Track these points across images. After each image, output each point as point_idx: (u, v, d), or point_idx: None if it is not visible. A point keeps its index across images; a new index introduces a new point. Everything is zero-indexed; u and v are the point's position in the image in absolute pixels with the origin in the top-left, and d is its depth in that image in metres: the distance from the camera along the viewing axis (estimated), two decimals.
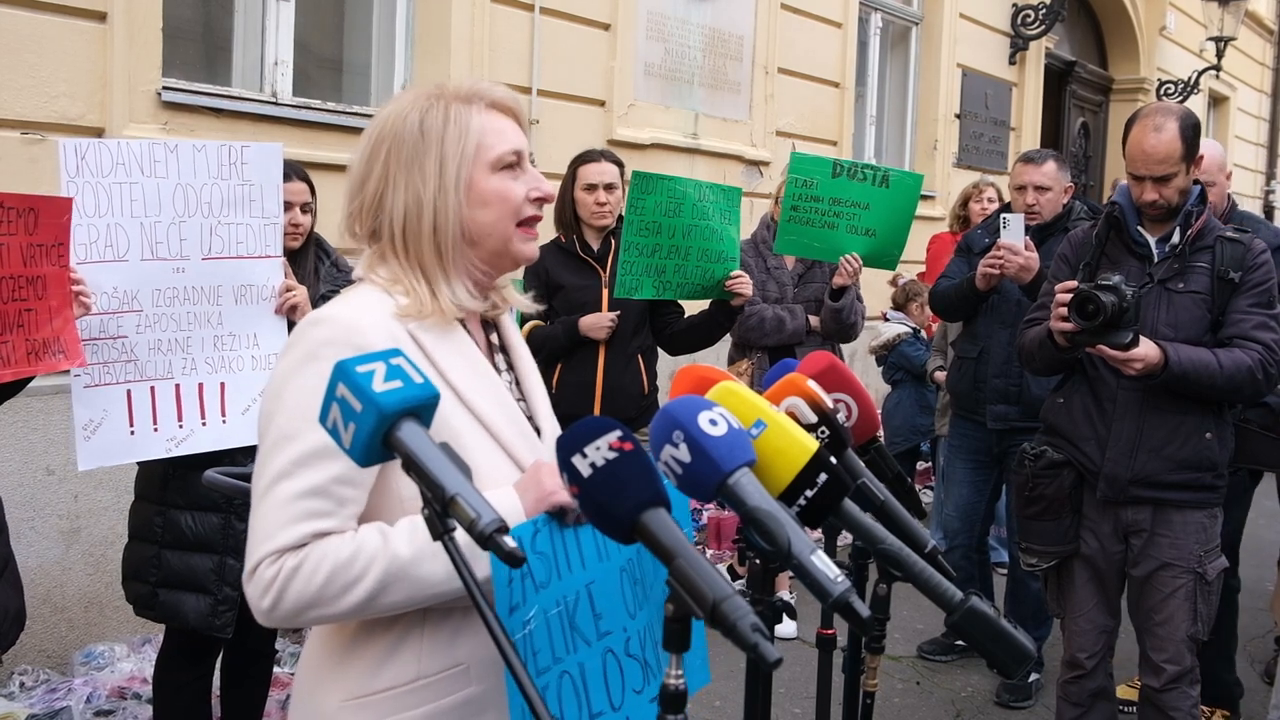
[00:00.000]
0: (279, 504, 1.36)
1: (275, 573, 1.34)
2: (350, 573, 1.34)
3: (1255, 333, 2.91)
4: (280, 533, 1.35)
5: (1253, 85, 15.92)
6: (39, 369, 2.49)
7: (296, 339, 1.45)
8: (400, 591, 1.36)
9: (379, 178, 1.50)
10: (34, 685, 3.65)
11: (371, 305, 1.47)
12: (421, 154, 1.48)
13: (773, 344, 4.55)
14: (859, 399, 1.68)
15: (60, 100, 3.80)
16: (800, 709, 3.94)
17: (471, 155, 1.49)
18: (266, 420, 1.42)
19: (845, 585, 1.16)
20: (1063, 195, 4.15)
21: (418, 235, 1.49)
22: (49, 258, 2.49)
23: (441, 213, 1.48)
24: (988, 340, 4.15)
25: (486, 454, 1.46)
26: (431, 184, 1.48)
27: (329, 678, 1.47)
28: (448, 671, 1.44)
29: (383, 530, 1.38)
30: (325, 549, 1.35)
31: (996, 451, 4.24)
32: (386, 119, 1.52)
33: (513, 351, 1.65)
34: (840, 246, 4.22)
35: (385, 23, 5.24)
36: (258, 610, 1.38)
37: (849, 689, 1.75)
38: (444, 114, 1.49)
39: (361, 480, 1.39)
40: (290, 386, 1.41)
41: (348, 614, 1.37)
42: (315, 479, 1.36)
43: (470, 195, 1.49)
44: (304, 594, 1.34)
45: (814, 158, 4.27)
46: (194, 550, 2.84)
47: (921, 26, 8.94)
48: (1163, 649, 3.04)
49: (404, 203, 1.48)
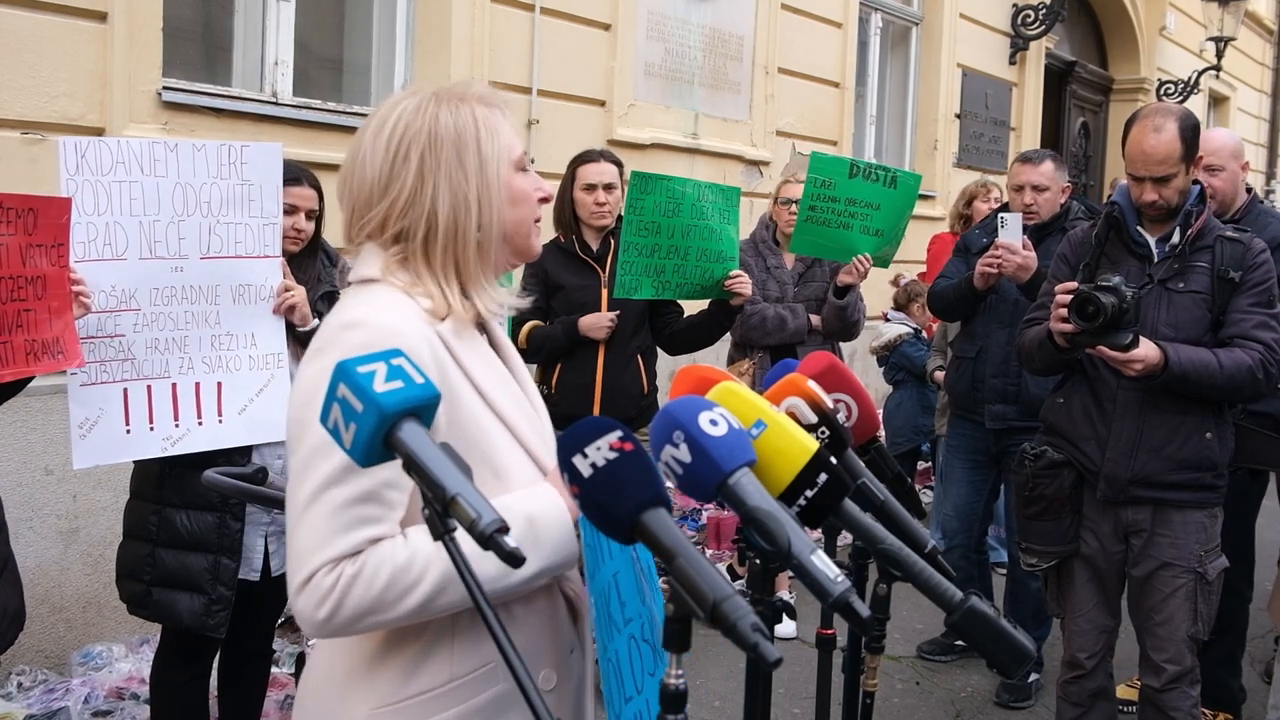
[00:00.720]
0: (330, 511, 1.34)
1: (334, 581, 1.33)
2: (409, 577, 1.34)
3: (1255, 332, 2.91)
4: (335, 540, 1.34)
5: (1253, 85, 15.92)
6: (38, 369, 2.49)
7: (329, 343, 1.42)
8: (456, 592, 1.36)
9: (414, 179, 1.48)
10: (32, 685, 3.65)
11: (403, 308, 1.45)
12: (462, 153, 1.48)
13: (774, 343, 4.55)
14: (859, 399, 1.68)
15: (60, 100, 3.80)
16: (800, 709, 3.94)
17: (505, 155, 1.52)
18: (300, 427, 1.39)
19: (845, 585, 1.16)
20: (1060, 195, 4.16)
21: (464, 233, 1.49)
22: (48, 258, 2.48)
23: (487, 210, 1.50)
24: (986, 340, 4.16)
25: (513, 454, 1.48)
26: (474, 182, 1.49)
27: (356, 688, 1.46)
28: (478, 671, 1.45)
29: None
30: (382, 554, 1.35)
31: (995, 451, 4.23)
32: (406, 121, 1.49)
33: (504, 352, 1.67)
34: (854, 247, 4.23)
35: (385, 23, 5.24)
36: (311, 620, 1.35)
37: (849, 689, 1.75)
38: (472, 115, 1.51)
39: (405, 483, 1.37)
40: (325, 391, 1.39)
41: (404, 618, 1.37)
42: (366, 484, 1.35)
43: (506, 193, 1.52)
44: (364, 600, 1.34)
45: (832, 158, 4.26)
46: (189, 549, 2.83)
47: (921, 26, 8.94)
48: (1163, 649, 3.04)
49: (449, 203, 1.48)
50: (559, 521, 1.43)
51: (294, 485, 1.39)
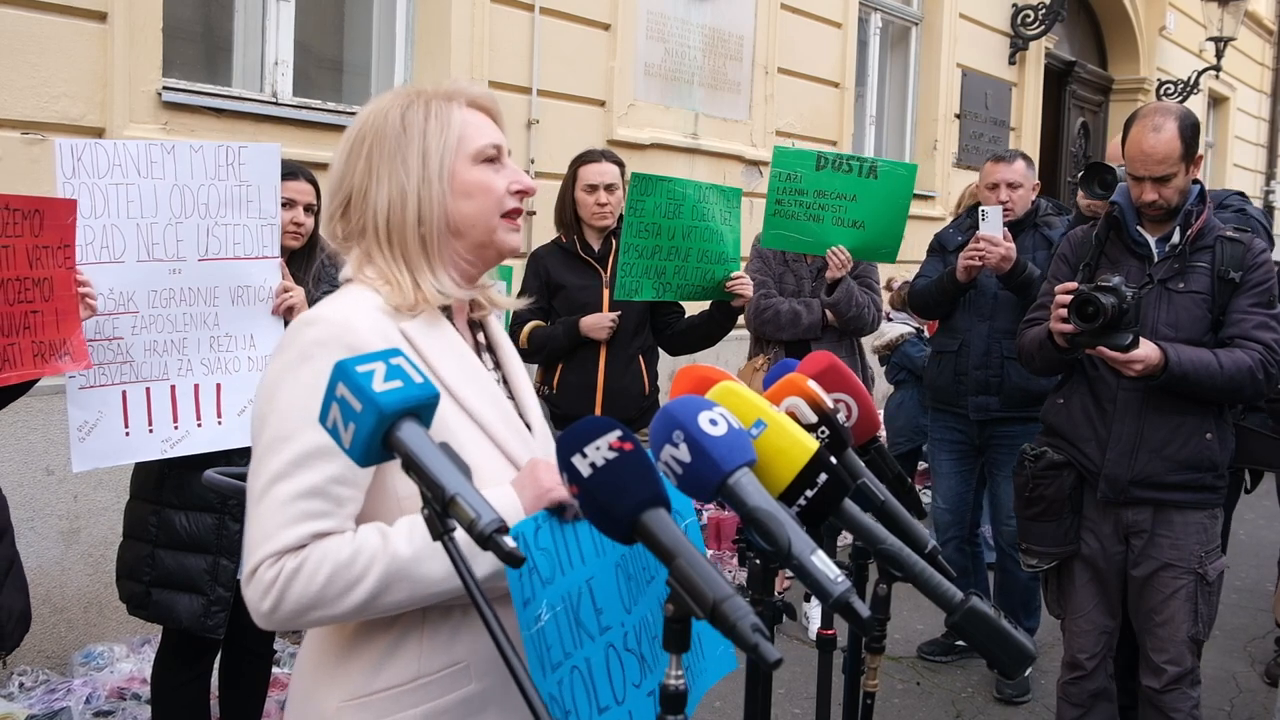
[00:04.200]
0: (277, 505, 1.36)
1: (275, 574, 1.34)
2: (351, 573, 1.34)
3: (1256, 333, 2.90)
4: (279, 534, 1.35)
5: (1252, 85, 15.92)
6: (45, 371, 2.48)
7: (289, 340, 1.45)
8: (401, 591, 1.36)
9: (361, 173, 1.51)
10: (33, 686, 3.65)
11: (362, 304, 1.47)
12: (404, 147, 1.50)
13: (788, 338, 4.57)
14: (859, 399, 1.68)
15: (61, 100, 3.80)
16: (800, 709, 3.94)
17: (454, 147, 1.52)
18: (260, 422, 1.42)
19: (845, 585, 1.16)
20: (1031, 193, 4.34)
21: (401, 226, 1.50)
22: (55, 260, 2.48)
23: (425, 202, 1.50)
24: (967, 333, 4.28)
25: (479, 449, 1.47)
26: (415, 175, 1.49)
27: (327, 679, 1.46)
28: (447, 670, 1.44)
29: (382, 530, 1.38)
30: (325, 549, 1.35)
31: (978, 442, 4.36)
32: (366, 117, 1.54)
33: (500, 351, 1.66)
34: (826, 239, 4.24)
35: (385, 23, 5.24)
36: (257, 613, 1.37)
37: (849, 689, 1.75)
38: (425, 109, 1.52)
39: (359, 480, 1.39)
40: (284, 387, 1.40)
41: (349, 614, 1.37)
42: (313, 479, 1.36)
43: (453, 186, 1.51)
44: (305, 595, 1.34)
45: (797, 151, 4.28)
46: (188, 550, 2.83)
47: (921, 26, 8.94)
48: (1164, 650, 3.04)
49: (388, 195, 1.50)
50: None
51: (251, 478, 1.41)
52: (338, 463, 1.33)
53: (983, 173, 4.42)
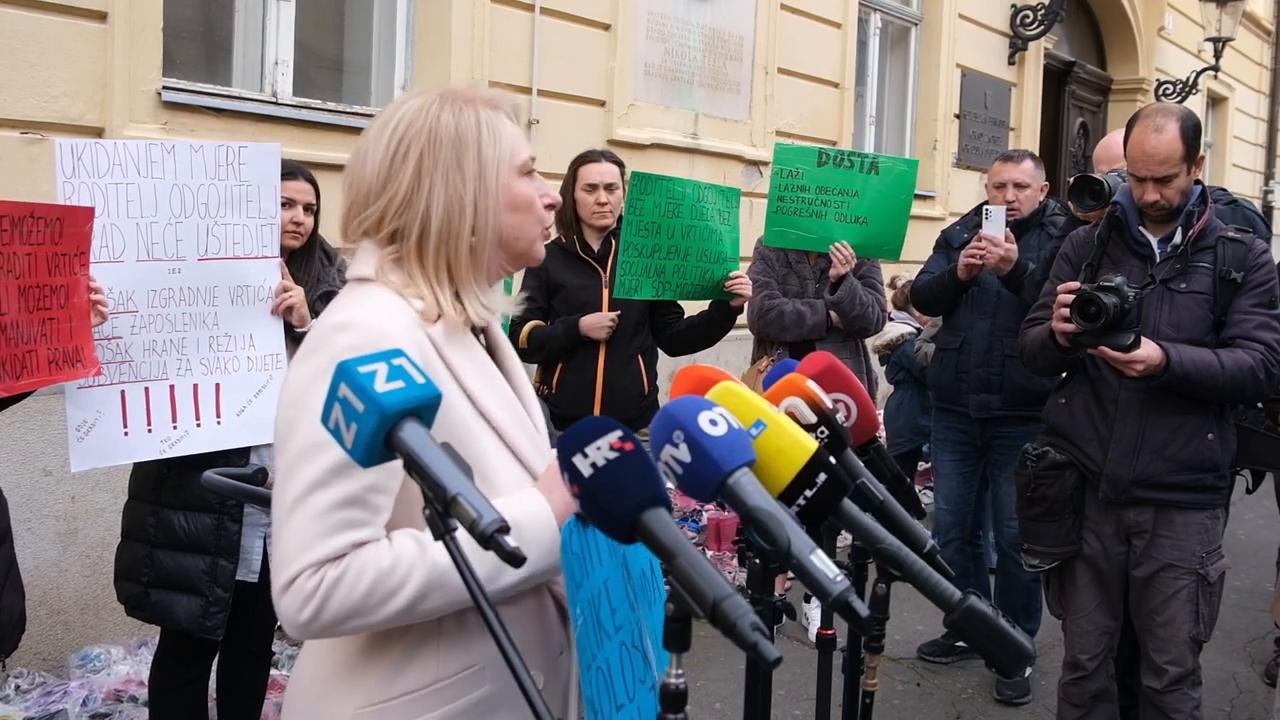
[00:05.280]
0: (315, 515, 1.34)
1: (316, 584, 1.33)
2: (391, 581, 1.34)
3: (1257, 333, 2.91)
4: (318, 544, 1.34)
5: (1251, 86, 15.93)
6: (59, 378, 2.48)
7: (319, 343, 1.42)
8: (439, 597, 1.37)
9: (410, 179, 1.47)
10: (30, 688, 3.64)
11: (393, 310, 1.44)
12: (460, 155, 1.47)
13: (792, 339, 4.53)
14: (858, 399, 1.67)
15: (60, 100, 3.79)
16: (800, 710, 3.94)
17: (507, 159, 1.50)
18: (288, 428, 1.40)
19: (845, 585, 1.16)
20: (1039, 193, 4.34)
21: (454, 236, 1.48)
22: (71, 266, 2.48)
23: (482, 214, 1.48)
24: (968, 331, 4.27)
25: (501, 458, 1.47)
26: (472, 185, 1.48)
27: (341, 687, 1.45)
28: (464, 672, 1.44)
29: (418, 537, 1.38)
30: (365, 558, 1.35)
31: (980, 442, 4.35)
32: (409, 120, 1.49)
33: (501, 353, 1.66)
34: (830, 235, 4.24)
35: (385, 23, 5.23)
36: (293, 623, 1.35)
37: (849, 689, 1.75)
38: (476, 117, 1.49)
39: (392, 486, 1.38)
40: (315, 393, 1.35)
41: (388, 621, 1.37)
42: (352, 488, 1.35)
43: (505, 198, 1.51)
44: (346, 604, 1.33)
45: (798, 147, 4.29)
46: (186, 551, 2.83)
47: (921, 26, 8.95)
48: (1165, 650, 3.03)
49: (444, 204, 1.47)
50: (544, 528, 1.43)
51: (280, 487, 1.39)
52: (375, 470, 1.30)
53: (990, 172, 4.44)
